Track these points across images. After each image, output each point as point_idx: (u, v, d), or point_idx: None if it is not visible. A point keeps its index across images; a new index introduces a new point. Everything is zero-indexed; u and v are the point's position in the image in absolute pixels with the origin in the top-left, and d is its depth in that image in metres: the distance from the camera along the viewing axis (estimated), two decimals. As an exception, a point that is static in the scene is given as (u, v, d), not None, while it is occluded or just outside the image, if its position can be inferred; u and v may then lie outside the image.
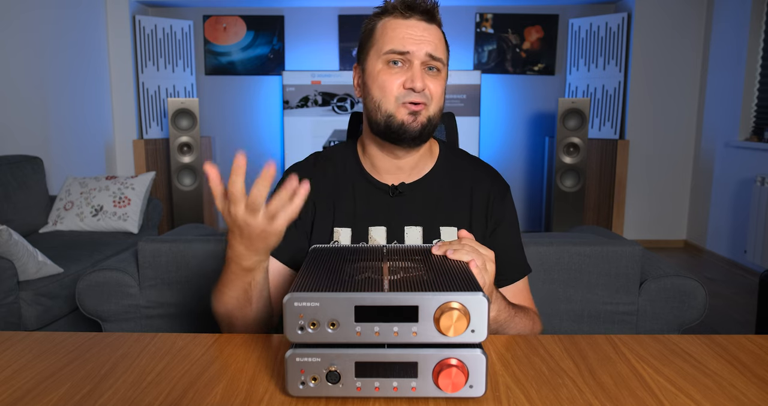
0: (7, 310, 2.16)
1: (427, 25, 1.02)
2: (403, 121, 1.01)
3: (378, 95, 1.03)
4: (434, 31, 1.03)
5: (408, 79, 1.00)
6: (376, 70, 1.03)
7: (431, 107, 1.03)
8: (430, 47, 1.01)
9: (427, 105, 1.02)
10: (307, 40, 4.85)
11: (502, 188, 1.14)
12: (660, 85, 4.47)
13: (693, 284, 1.50)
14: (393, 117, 1.01)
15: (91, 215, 3.11)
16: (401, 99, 1.01)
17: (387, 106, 1.02)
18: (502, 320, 0.95)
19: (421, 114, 1.02)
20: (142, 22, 4.48)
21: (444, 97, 1.06)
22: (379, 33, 1.04)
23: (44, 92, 3.59)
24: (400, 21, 1.02)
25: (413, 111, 1.01)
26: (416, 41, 1.00)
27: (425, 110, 1.02)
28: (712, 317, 2.99)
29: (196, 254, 1.53)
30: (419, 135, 1.02)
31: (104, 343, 0.84)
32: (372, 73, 1.04)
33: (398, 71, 1.01)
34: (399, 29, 1.01)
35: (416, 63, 1.00)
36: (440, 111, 1.06)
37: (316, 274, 0.72)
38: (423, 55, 1.00)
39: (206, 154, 4.61)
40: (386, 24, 1.03)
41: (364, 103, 1.07)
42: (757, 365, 0.77)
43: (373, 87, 1.03)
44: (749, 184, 3.80)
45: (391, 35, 1.02)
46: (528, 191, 5.03)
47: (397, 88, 1.01)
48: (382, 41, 1.02)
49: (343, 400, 0.66)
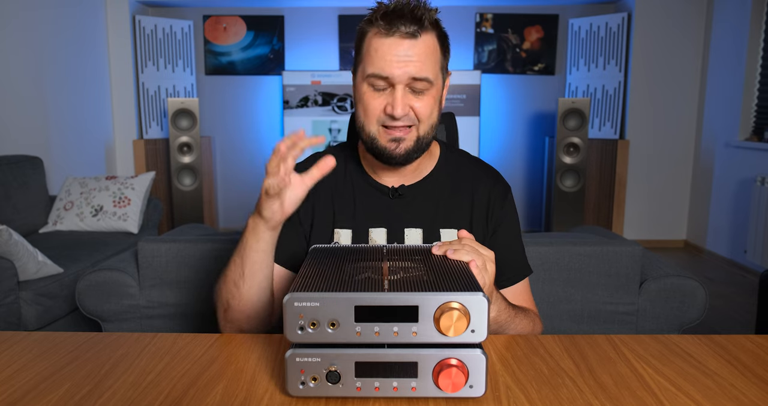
0: (7, 310, 2.16)
1: (412, 43, 0.95)
2: (385, 147, 1.00)
3: (362, 116, 1.01)
4: (419, 47, 0.95)
5: (389, 105, 0.97)
6: (361, 91, 1.00)
7: (420, 127, 1.00)
8: (414, 69, 0.95)
9: (414, 126, 1.00)
10: (307, 40, 4.85)
11: (503, 189, 1.13)
12: (660, 85, 4.47)
13: (693, 284, 1.50)
14: (376, 141, 1.00)
15: (91, 215, 3.11)
16: (382, 123, 0.99)
17: (370, 129, 1.00)
18: (502, 320, 0.95)
19: (405, 139, 0.99)
20: (142, 22, 4.48)
21: (438, 110, 1.03)
22: (365, 49, 0.99)
23: (44, 92, 3.59)
24: (383, 39, 0.95)
25: (395, 138, 0.99)
26: (399, 64, 0.95)
27: (412, 131, 1.00)
28: (712, 317, 2.99)
29: (196, 254, 1.53)
30: (405, 160, 1.01)
31: (104, 343, 0.84)
32: (358, 92, 1.02)
33: (381, 95, 0.98)
34: (381, 50, 0.95)
35: (399, 87, 0.96)
36: (433, 127, 1.02)
37: (316, 274, 0.72)
38: (405, 79, 0.96)
39: (206, 154, 4.61)
40: (371, 40, 0.97)
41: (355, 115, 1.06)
42: (757, 365, 0.77)
43: (358, 106, 1.02)
44: (749, 185, 3.80)
45: (373, 57, 0.96)
46: (528, 191, 5.03)
47: (379, 112, 0.99)
48: (366, 61, 0.98)
49: (343, 400, 0.66)
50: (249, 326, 0.98)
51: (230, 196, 5.03)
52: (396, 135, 0.99)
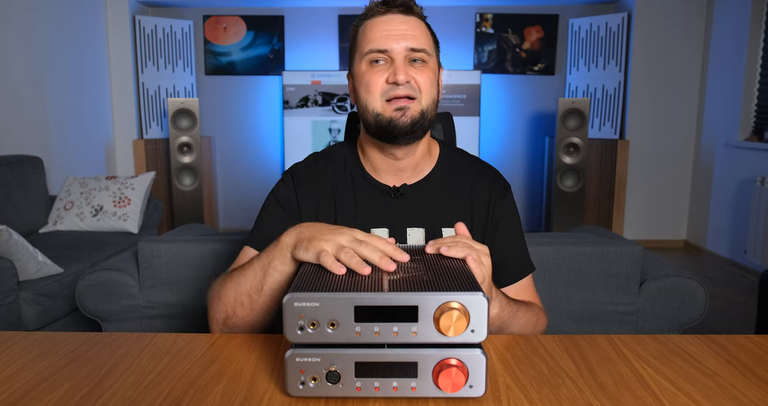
0: (7, 310, 2.16)
1: (405, 18, 1.02)
2: (391, 118, 1.00)
3: (365, 95, 1.02)
4: (413, 22, 1.02)
5: (390, 74, 0.99)
6: (361, 71, 1.02)
7: (422, 100, 1.01)
8: (410, 40, 1.00)
9: (416, 98, 1.01)
10: (307, 40, 4.85)
11: (502, 187, 1.13)
12: (660, 85, 4.47)
13: (693, 284, 1.50)
14: (381, 115, 1.01)
15: (91, 215, 3.11)
16: (386, 95, 1.00)
17: (374, 105, 1.01)
18: (505, 316, 0.94)
19: (410, 108, 1.00)
20: (142, 22, 4.48)
21: (437, 88, 1.05)
22: (360, 36, 1.04)
23: (44, 92, 3.59)
24: (378, 19, 1.02)
25: (400, 106, 1.00)
26: (395, 37, 1.00)
27: (415, 104, 1.01)
28: (712, 317, 2.99)
29: (196, 254, 1.53)
30: (411, 130, 1.01)
31: (104, 343, 0.84)
32: (358, 75, 1.03)
33: (381, 69, 1.01)
34: (377, 27, 1.01)
35: (398, 58, 1.00)
36: (434, 103, 1.04)
37: (316, 274, 0.72)
38: (403, 50, 1.00)
39: (206, 154, 4.61)
40: (366, 26, 1.04)
41: (357, 107, 1.07)
42: (757, 365, 0.77)
43: (360, 88, 1.03)
44: (749, 184, 3.80)
45: (370, 36, 1.02)
46: (528, 191, 5.03)
47: (381, 85, 1.00)
48: (363, 43, 1.03)
49: (343, 400, 0.66)
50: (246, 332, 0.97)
51: (230, 196, 5.03)
52: (400, 104, 1.00)
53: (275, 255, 0.85)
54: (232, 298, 0.90)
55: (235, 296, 0.90)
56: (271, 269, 0.85)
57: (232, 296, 0.90)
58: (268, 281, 0.86)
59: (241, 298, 0.89)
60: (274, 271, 0.85)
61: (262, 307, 0.89)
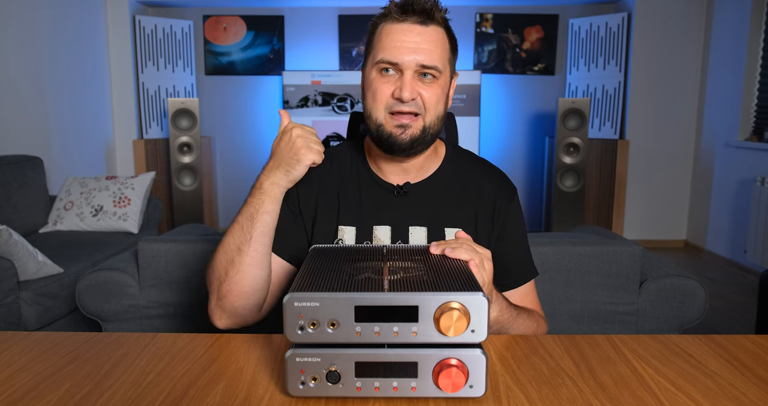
0: (7, 310, 2.16)
1: (422, 29, 0.98)
2: (391, 133, 1.00)
3: (371, 102, 1.02)
4: (430, 34, 0.99)
5: (397, 89, 0.98)
6: (370, 77, 1.02)
7: (427, 117, 1.00)
8: (423, 56, 0.97)
9: (420, 115, 1.00)
10: (307, 40, 4.85)
11: (509, 191, 1.13)
12: (660, 85, 4.47)
13: (693, 284, 1.50)
14: (382, 127, 1.01)
15: (91, 215, 3.11)
16: (390, 108, 1.00)
17: (377, 115, 1.01)
18: (504, 320, 0.94)
19: (411, 127, 1.00)
20: (142, 22, 4.48)
21: (444, 103, 1.04)
22: (376, 39, 1.02)
23: (44, 92, 3.59)
24: (395, 25, 0.99)
25: (401, 124, 0.99)
26: (408, 50, 0.97)
27: (418, 121, 1.00)
28: (712, 317, 2.99)
29: (196, 253, 1.53)
30: (409, 147, 1.01)
31: (104, 343, 0.84)
32: (368, 80, 1.03)
33: (390, 79, 1.00)
34: (392, 35, 0.99)
35: (407, 73, 0.98)
36: (439, 119, 1.03)
37: (316, 274, 0.72)
38: (414, 65, 0.97)
39: (206, 154, 4.61)
40: (383, 29, 1.01)
41: (362, 107, 1.07)
42: (757, 365, 0.77)
43: (367, 93, 1.03)
44: (749, 184, 3.80)
45: (384, 42, 0.99)
46: (528, 191, 5.03)
47: (387, 97, 1.00)
48: (377, 48, 1.01)
49: (343, 400, 0.66)
50: (241, 303, 0.96)
51: (230, 196, 5.03)
52: (403, 121, 0.99)
53: (263, 199, 0.97)
54: (223, 260, 0.97)
55: (225, 256, 0.96)
56: (260, 214, 0.96)
57: (223, 258, 0.97)
58: (257, 227, 0.96)
59: (231, 255, 0.96)
60: (264, 214, 0.96)
61: (252, 258, 0.95)
